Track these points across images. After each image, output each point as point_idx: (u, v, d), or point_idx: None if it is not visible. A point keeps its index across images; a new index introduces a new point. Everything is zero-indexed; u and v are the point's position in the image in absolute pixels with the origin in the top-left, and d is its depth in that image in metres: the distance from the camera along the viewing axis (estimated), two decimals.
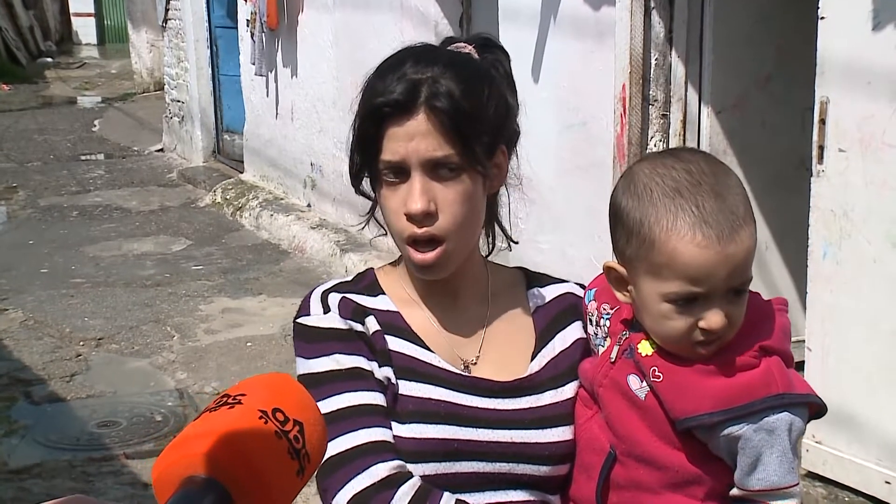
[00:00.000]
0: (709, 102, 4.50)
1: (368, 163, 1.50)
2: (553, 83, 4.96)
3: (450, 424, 1.46)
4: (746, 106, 4.55)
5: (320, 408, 1.43)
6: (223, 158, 10.09)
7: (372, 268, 1.62)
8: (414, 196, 1.44)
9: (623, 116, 4.50)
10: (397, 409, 1.46)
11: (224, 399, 0.87)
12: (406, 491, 1.40)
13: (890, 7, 3.33)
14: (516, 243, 1.67)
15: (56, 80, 17.57)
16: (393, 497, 1.39)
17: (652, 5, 4.41)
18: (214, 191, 9.12)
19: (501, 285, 1.62)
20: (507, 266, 1.67)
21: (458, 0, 6.24)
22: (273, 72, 8.35)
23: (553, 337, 1.58)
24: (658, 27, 4.44)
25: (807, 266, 3.70)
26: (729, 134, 4.55)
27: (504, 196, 1.62)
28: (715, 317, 1.35)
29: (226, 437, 0.83)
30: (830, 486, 3.67)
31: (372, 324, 1.51)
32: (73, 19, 22.87)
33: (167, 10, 10.61)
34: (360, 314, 1.51)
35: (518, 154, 1.59)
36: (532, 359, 1.56)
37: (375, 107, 1.45)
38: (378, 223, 1.59)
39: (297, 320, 1.54)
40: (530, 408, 1.51)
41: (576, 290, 1.63)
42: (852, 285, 3.55)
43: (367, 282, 1.58)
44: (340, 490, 1.41)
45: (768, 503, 1.38)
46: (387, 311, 1.54)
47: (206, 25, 9.96)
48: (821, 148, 3.57)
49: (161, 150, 11.21)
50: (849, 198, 3.51)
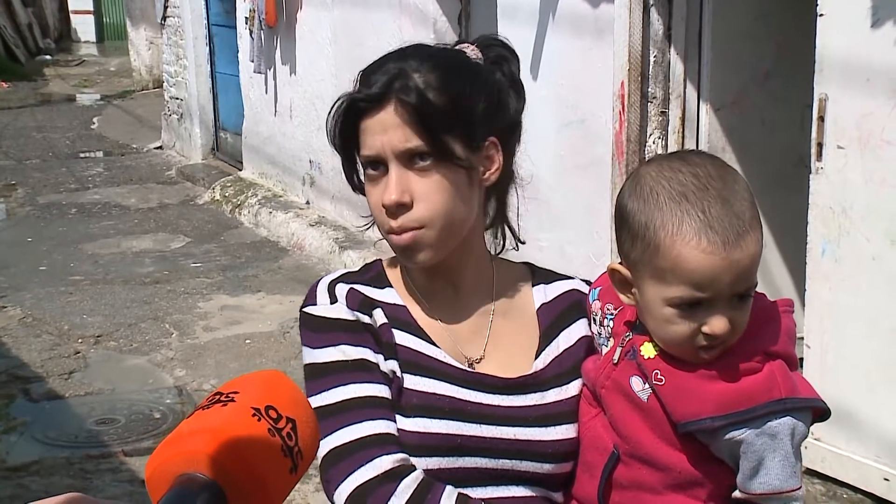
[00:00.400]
0: (708, 100, 4.50)
1: (350, 160, 1.53)
2: (552, 81, 4.96)
3: (454, 420, 1.46)
4: (745, 103, 4.54)
5: (325, 398, 1.46)
6: (222, 156, 10.09)
7: (380, 259, 1.62)
8: (389, 188, 1.46)
9: (622, 114, 4.50)
10: (402, 403, 1.47)
11: (217, 397, 0.86)
12: (408, 484, 1.40)
13: (889, 4, 3.32)
14: (523, 243, 1.67)
15: (55, 78, 17.55)
16: (395, 490, 1.40)
17: (651, 2, 4.41)
18: (213, 188, 9.11)
19: (507, 281, 1.62)
20: (514, 262, 1.68)
21: None
22: (272, 69, 8.34)
23: (558, 334, 1.58)
24: (657, 24, 4.44)
25: (805, 263, 3.70)
26: (728, 131, 4.55)
27: (512, 196, 1.62)
28: (718, 322, 1.35)
29: (219, 435, 0.82)
30: (829, 483, 3.67)
31: (379, 316, 1.51)
32: (72, 17, 22.83)
33: (166, 8, 10.60)
34: (368, 306, 1.52)
35: (517, 152, 1.60)
36: (536, 356, 1.56)
37: (352, 101, 1.48)
38: None
39: (304, 309, 1.55)
40: (534, 405, 1.51)
41: (581, 287, 1.63)
42: (851, 283, 3.55)
43: (375, 273, 1.59)
44: (343, 481, 1.42)
45: None
46: (393, 305, 1.54)
47: (205, 23, 9.96)
48: (819, 145, 3.57)
49: (160, 148, 11.21)
50: (848, 195, 3.51)
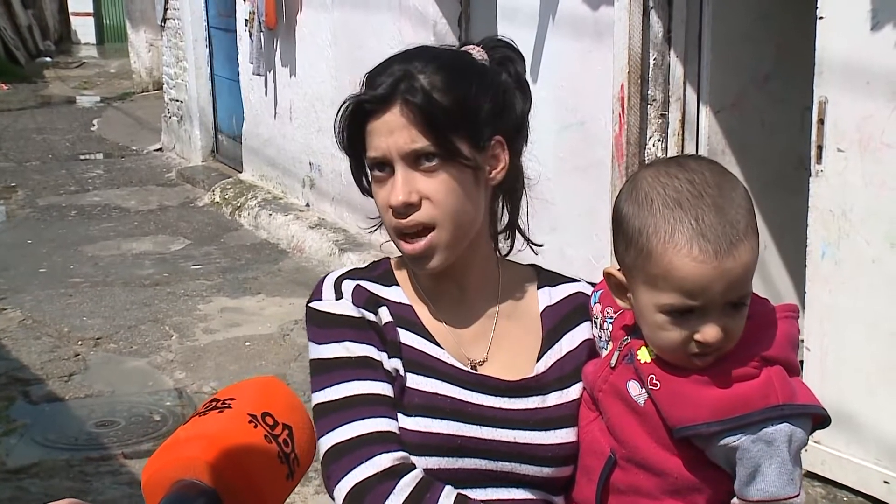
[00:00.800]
0: (707, 102, 4.49)
1: (359, 161, 1.53)
2: (551, 83, 4.96)
3: (455, 420, 1.46)
4: (745, 105, 4.54)
5: (328, 394, 1.47)
6: (222, 158, 10.09)
7: (388, 257, 1.62)
8: (396, 189, 1.46)
9: (621, 116, 4.50)
10: (404, 402, 1.47)
11: (213, 403, 0.86)
12: (408, 482, 1.40)
13: (888, 7, 3.32)
14: (539, 245, 1.67)
15: (55, 80, 17.55)
16: (394, 488, 1.40)
17: (650, 5, 4.41)
18: (213, 190, 9.11)
19: (512, 283, 1.62)
20: (520, 264, 1.68)
21: None
22: (271, 71, 8.34)
23: (560, 337, 1.57)
24: (657, 27, 4.44)
25: (805, 266, 3.70)
26: (727, 133, 4.54)
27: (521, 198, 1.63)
28: (711, 330, 1.34)
29: (215, 442, 0.82)
30: (829, 486, 3.67)
31: (384, 314, 1.52)
32: (72, 19, 22.85)
33: (166, 10, 10.60)
34: (374, 304, 1.52)
35: (523, 151, 1.60)
36: (538, 359, 1.56)
37: (358, 103, 1.48)
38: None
39: (310, 304, 1.55)
40: (535, 408, 1.51)
41: (586, 290, 1.63)
42: (851, 285, 3.54)
43: (382, 271, 1.59)
44: (343, 478, 1.42)
45: None
46: (399, 304, 1.54)
47: (205, 25, 9.96)
48: (819, 148, 3.57)
49: (160, 150, 11.20)
50: (847, 198, 3.51)
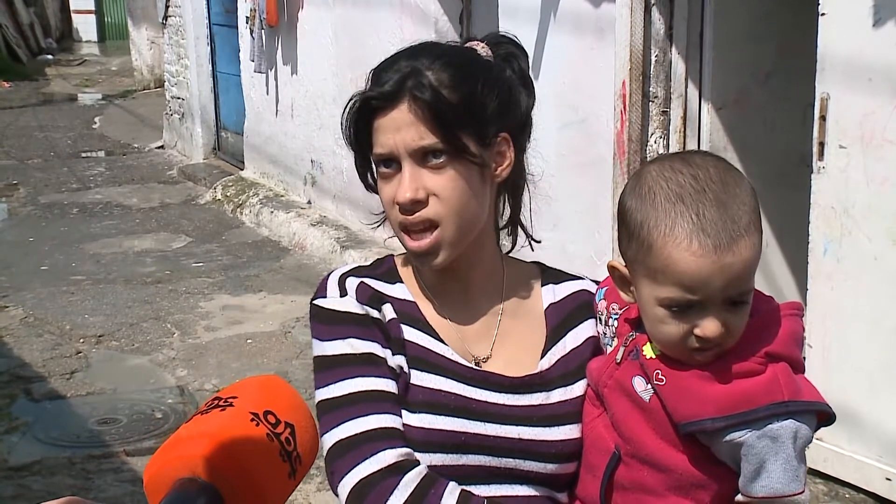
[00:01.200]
0: (709, 99, 4.49)
1: (365, 158, 1.53)
2: (553, 80, 4.95)
3: (459, 417, 1.47)
4: (747, 102, 4.54)
5: (332, 391, 1.47)
6: (223, 155, 10.09)
7: (392, 254, 1.63)
8: (403, 186, 1.46)
9: (623, 113, 4.50)
10: (408, 399, 1.47)
11: (215, 401, 0.86)
12: (412, 478, 1.41)
13: (890, 3, 3.32)
14: (538, 242, 1.67)
15: (56, 78, 17.56)
16: (398, 483, 1.40)
17: (652, 2, 4.40)
18: (215, 188, 9.12)
19: (517, 280, 1.62)
20: (524, 261, 1.68)
21: None
22: (273, 69, 8.34)
23: (565, 334, 1.58)
24: (658, 24, 4.43)
25: (807, 263, 3.70)
26: (729, 131, 4.54)
27: (525, 194, 1.63)
28: (710, 325, 1.34)
29: (218, 440, 0.82)
30: (831, 483, 3.67)
31: (388, 311, 1.52)
32: (74, 16, 22.87)
33: (167, 7, 10.60)
34: (377, 301, 1.53)
35: (527, 148, 1.60)
36: (542, 356, 1.56)
37: (365, 100, 1.48)
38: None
39: (314, 301, 1.55)
40: (539, 405, 1.51)
41: (591, 288, 1.63)
42: (853, 282, 3.54)
43: (386, 268, 1.59)
44: (347, 474, 1.42)
45: None
46: (403, 300, 1.55)
47: (207, 22, 9.96)
48: (821, 144, 3.57)
49: (161, 147, 11.21)
50: (849, 194, 3.51)
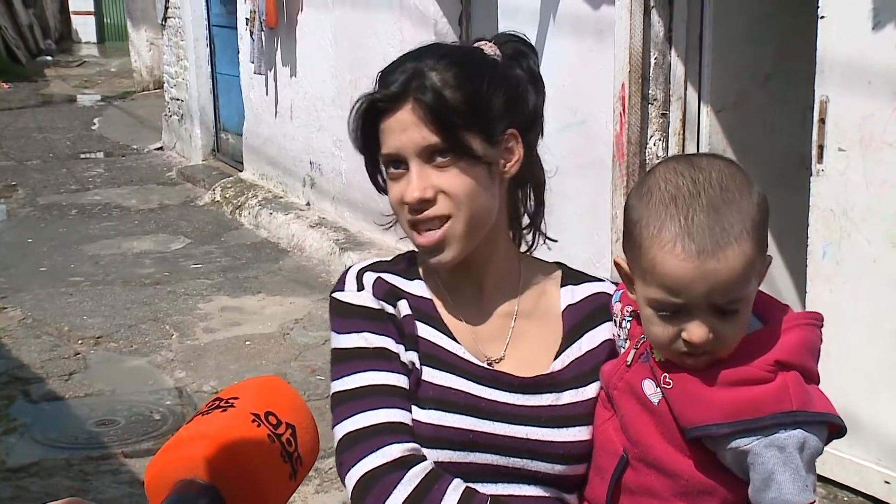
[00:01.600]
0: (708, 101, 4.49)
1: (374, 159, 1.54)
2: (552, 82, 4.91)
3: (468, 415, 1.47)
4: (746, 105, 4.54)
5: (345, 383, 1.49)
6: (222, 157, 10.09)
7: (414, 250, 1.63)
8: (411, 185, 1.47)
9: (622, 115, 4.50)
10: (419, 395, 1.49)
11: (216, 402, 0.86)
12: (416, 473, 1.42)
13: (890, 6, 3.32)
14: (553, 240, 1.67)
15: (55, 79, 17.56)
16: (402, 478, 1.41)
17: (651, 4, 4.40)
18: (213, 189, 9.11)
19: (534, 280, 1.62)
20: (545, 261, 1.68)
21: None
22: (272, 70, 8.34)
23: (581, 336, 1.57)
24: (657, 26, 4.44)
25: (806, 265, 3.70)
26: (728, 133, 4.54)
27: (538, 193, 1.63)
28: (696, 330, 1.33)
29: (218, 441, 0.82)
30: (830, 486, 3.67)
31: (403, 307, 1.53)
32: (73, 17, 22.88)
33: (167, 9, 10.60)
34: (393, 296, 1.54)
35: (537, 144, 1.60)
36: (556, 357, 1.56)
37: (371, 101, 1.49)
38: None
39: (333, 294, 1.58)
40: (549, 405, 1.51)
41: (609, 290, 1.63)
42: (852, 285, 3.54)
43: (406, 264, 1.61)
44: (354, 466, 1.44)
45: None
46: (420, 297, 1.56)
47: (206, 24, 9.96)
48: (820, 147, 3.57)
49: (160, 149, 11.21)
50: (849, 197, 3.51)
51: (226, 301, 6.34)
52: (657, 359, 1.41)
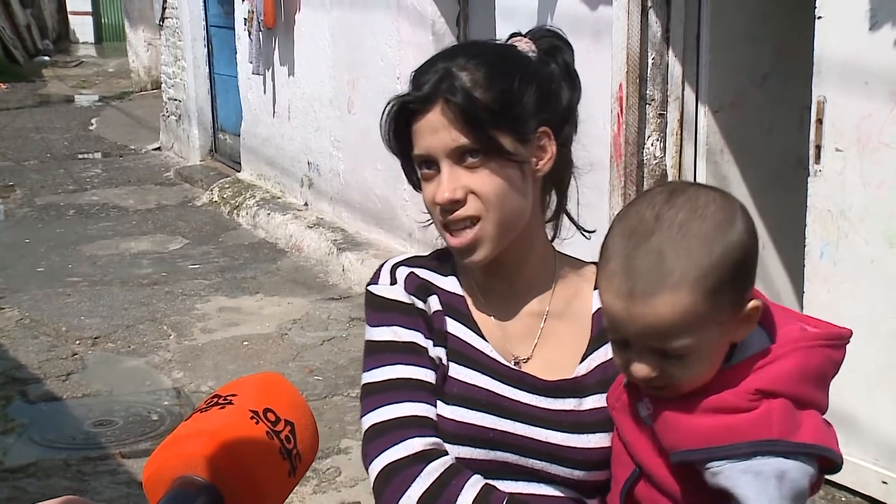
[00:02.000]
0: (706, 102, 4.49)
1: (408, 159, 1.54)
2: None
3: (490, 413, 1.48)
4: (744, 105, 4.54)
5: (373, 375, 1.51)
6: (220, 157, 10.09)
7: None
8: (442, 186, 1.47)
9: (620, 116, 4.50)
10: (444, 390, 1.50)
11: (215, 399, 0.86)
12: (436, 467, 1.43)
13: (887, 6, 3.32)
14: (592, 231, 1.67)
15: (53, 79, 17.55)
16: (422, 471, 1.42)
17: (649, 4, 4.41)
18: (211, 189, 9.11)
19: (568, 281, 1.62)
20: (583, 261, 1.67)
21: None
22: (270, 70, 8.34)
23: (608, 340, 1.56)
24: (655, 26, 4.44)
25: (804, 266, 3.70)
26: (726, 133, 4.54)
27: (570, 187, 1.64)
28: (638, 367, 1.30)
29: (217, 438, 0.82)
30: (827, 486, 3.67)
31: (434, 303, 1.54)
32: (71, 18, 22.85)
33: (164, 9, 10.60)
34: (424, 291, 1.55)
35: (572, 141, 1.61)
36: (582, 359, 1.55)
37: (402, 103, 1.49)
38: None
39: (368, 287, 1.59)
40: (571, 410, 1.51)
41: None
42: (850, 285, 3.55)
43: (443, 260, 1.61)
44: (377, 457, 1.45)
45: None
46: (452, 294, 1.56)
47: (203, 24, 9.96)
48: (818, 147, 3.57)
49: (158, 149, 11.21)
50: (846, 197, 3.51)
51: (223, 301, 6.34)
52: None
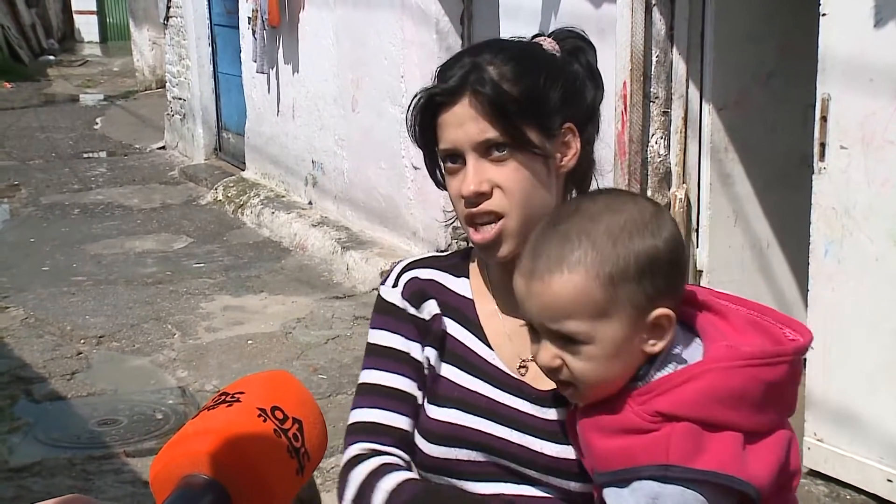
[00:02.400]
0: (710, 100, 4.49)
1: (432, 154, 1.55)
2: None
3: (486, 419, 1.48)
4: (748, 103, 4.54)
5: (361, 376, 1.53)
6: (225, 156, 10.09)
7: (470, 246, 1.63)
8: (467, 179, 1.47)
9: (624, 114, 4.50)
10: (438, 392, 1.51)
11: (222, 397, 0.86)
12: (360, 472, 1.49)
13: (892, 4, 3.32)
14: None
15: (58, 78, 17.56)
16: (350, 476, 1.50)
17: (653, 2, 4.40)
18: (216, 188, 9.11)
19: None
20: None
21: None
22: (274, 69, 8.34)
23: None
24: (659, 24, 4.44)
25: (808, 264, 3.70)
26: (730, 131, 4.54)
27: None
28: (542, 352, 1.31)
29: (224, 436, 0.82)
30: (832, 484, 3.67)
31: (432, 307, 1.56)
32: (76, 17, 22.87)
33: (169, 8, 10.60)
34: (420, 297, 1.56)
35: (595, 139, 1.60)
36: None
37: (430, 96, 1.50)
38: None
39: (379, 286, 1.63)
40: (564, 421, 1.50)
41: None
42: (854, 283, 3.54)
43: (457, 260, 1.62)
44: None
45: None
46: (461, 296, 1.57)
47: (208, 23, 9.96)
48: (822, 145, 3.57)
49: (163, 148, 11.21)
50: (850, 195, 3.51)
51: (228, 300, 6.35)
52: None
